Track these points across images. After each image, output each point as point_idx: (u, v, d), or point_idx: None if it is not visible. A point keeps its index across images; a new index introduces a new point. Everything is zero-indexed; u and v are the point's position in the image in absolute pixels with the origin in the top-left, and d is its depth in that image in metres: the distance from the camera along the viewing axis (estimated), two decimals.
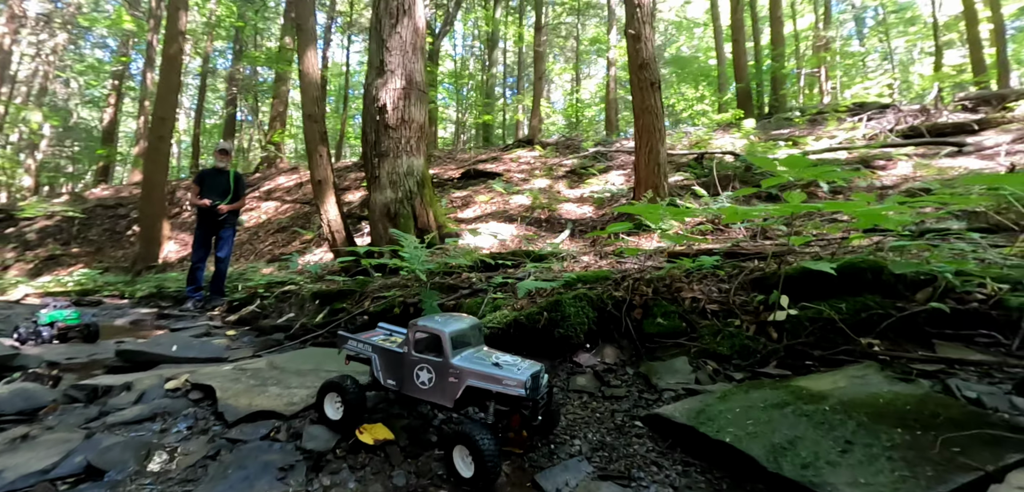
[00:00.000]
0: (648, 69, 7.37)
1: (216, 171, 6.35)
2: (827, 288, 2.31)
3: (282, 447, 1.29)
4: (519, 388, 1.32)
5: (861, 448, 0.97)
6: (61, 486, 1.10)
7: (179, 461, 1.23)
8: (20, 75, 22.87)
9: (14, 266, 12.54)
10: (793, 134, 11.10)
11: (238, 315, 5.09)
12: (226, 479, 1.11)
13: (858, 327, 2.17)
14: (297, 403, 1.56)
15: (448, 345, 1.44)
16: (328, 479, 1.15)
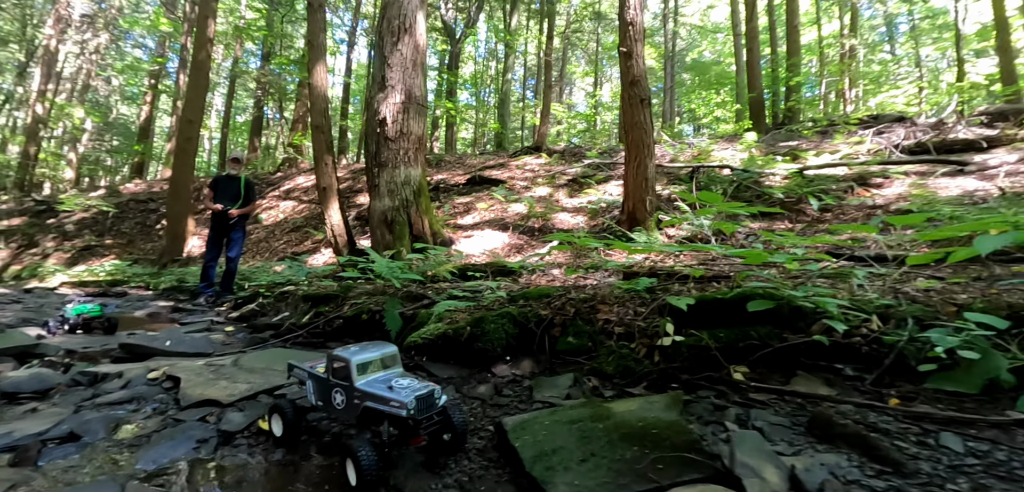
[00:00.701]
0: (638, 85, 7.64)
1: (228, 178, 6.93)
2: (727, 317, 2.63)
3: (208, 427, 1.73)
4: (401, 409, 1.51)
5: (597, 458, 1.29)
6: (49, 445, 1.56)
7: (135, 432, 1.69)
8: (65, 73, 24.47)
9: (53, 255, 13.61)
10: (797, 147, 11.13)
11: (239, 312, 5.62)
12: (160, 446, 1.56)
13: (734, 355, 2.48)
14: (236, 395, 2.00)
15: (354, 372, 1.65)
16: (229, 450, 1.58)
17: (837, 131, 11.97)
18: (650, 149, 7.72)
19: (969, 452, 1.41)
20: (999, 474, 1.30)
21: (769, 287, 2.79)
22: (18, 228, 15.09)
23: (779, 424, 1.57)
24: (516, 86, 32.64)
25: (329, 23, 24.88)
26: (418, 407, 1.53)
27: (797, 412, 1.69)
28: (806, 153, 10.32)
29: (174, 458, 1.52)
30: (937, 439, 1.47)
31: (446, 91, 22.69)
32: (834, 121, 13.16)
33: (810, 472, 1.19)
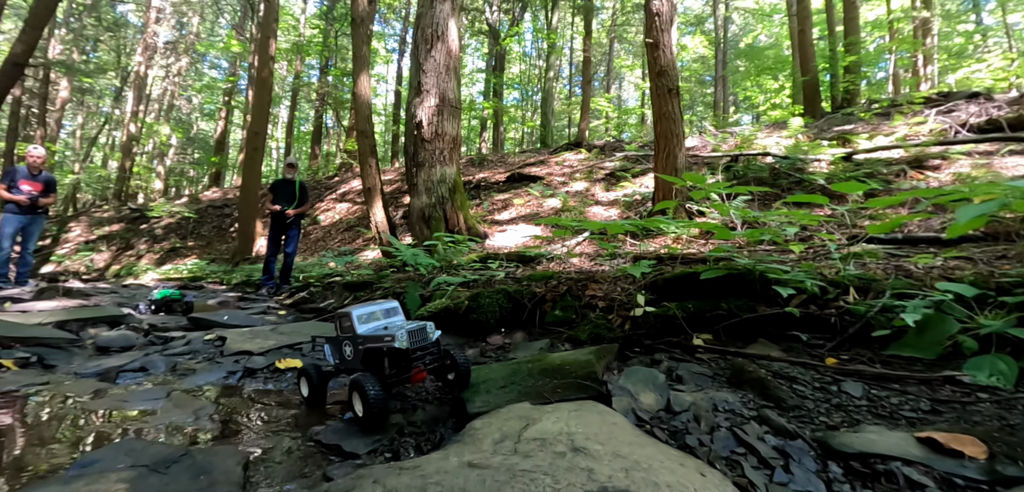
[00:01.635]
0: (666, 76, 7.69)
1: (285, 181, 7.73)
2: (701, 291, 2.83)
3: (238, 365, 2.22)
4: (393, 341, 1.69)
5: (514, 386, 1.63)
6: (125, 373, 2.11)
7: (186, 368, 2.22)
8: (153, 95, 27.44)
9: (145, 256, 15.46)
10: (852, 132, 10.59)
11: (292, 299, 6.32)
12: (201, 375, 2.10)
13: (702, 324, 2.69)
14: (265, 348, 2.52)
15: (355, 322, 1.85)
16: (249, 379, 2.06)
17: (899, 112, 11.25)
18: (679, 139, 7.74)
19: (864, 396, 1.59)
20: (878, 412, 1.48)
21: (743, 262, 2.96)
22: (117, 233, 17.24)
23: (701, 373, 1.80)
24: (565, 84, 32.78)
25: (380, 34, 26.23)
26: (410, 339, 1.68)
27: (727, 367, 1.90)
28: (859, 137, 9.81)
29: (209, 382, 2.05)
30: (840, 387, 1.65)
31: (492, 92, 23.27)
32: (896, 102, 12.34)
33: (686, 401, 1.43)
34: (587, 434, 1.03)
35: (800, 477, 1.05)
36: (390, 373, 1.78)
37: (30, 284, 7.47)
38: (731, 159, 9.42)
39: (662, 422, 1.30)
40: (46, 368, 2.22)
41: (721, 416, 1.31)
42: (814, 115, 13.72)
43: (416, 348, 1.74)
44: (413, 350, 1.74)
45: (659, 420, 1.32)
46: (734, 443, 1.17)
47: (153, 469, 1.05)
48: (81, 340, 2.82)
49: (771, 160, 9.24)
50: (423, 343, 1.76)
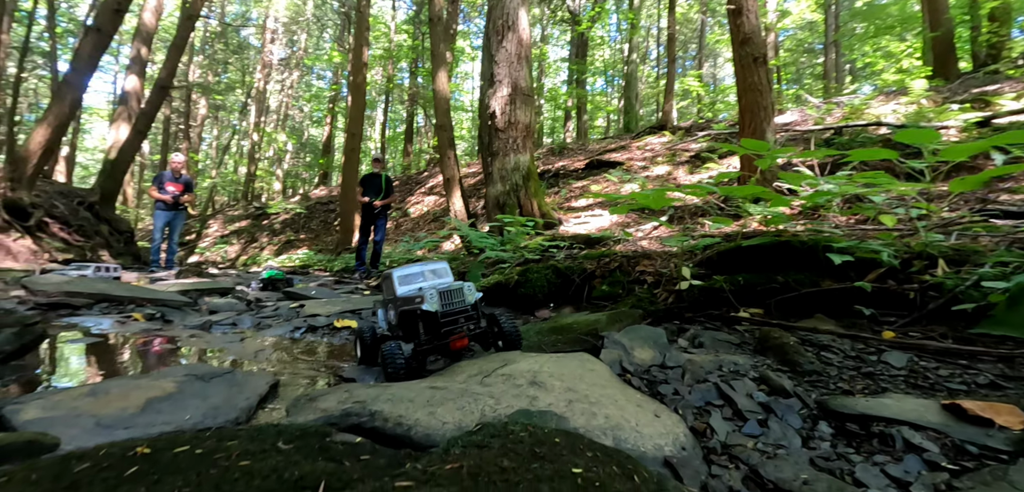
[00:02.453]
0: (751, 43, 7.16)
1: (373, 175, 8.40)
2: (760, 264, 2.69)
3: (305, 324, 2.55)
4: (422, 303, 1.57)
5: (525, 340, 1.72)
6: (217, 327, 2.54)
7: (267, 325, 2.61)
8: (271, 106, 31.04)
9: (266, 248, 17.65)
10: (993, 92, 8.97)
11: (378, 281, 6.89)
12: (274, 330, 2.46)
13: (753, 297, 2.56)
14: (331, 313, 2.87)
15: (396, 283, 1.75)
16: (310, 334, 2.35)
17: None
18: (767, 112, 7.17)
19: (907, 367, 1.44)
20: (915, 383, 1.34)
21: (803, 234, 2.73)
22: (245, 229, 19.88)
23: (726, 341, 1.74)
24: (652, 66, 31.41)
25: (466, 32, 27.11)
26: (441, 301, 1.55)
27: (755, 338, 1.80)
28: (997, 99, 8.28)
29: (278, 334, 2.45)
30: (880, 357, 1.51)
31: (575, 80, 23.04)
32: None
33: (683, 359, 1.41)
34: (554, 373, 1.08)
35: (775, 430, 1.00)
36: (424, 339, 1.62)
37: (175, 268, 8.95)
38: (834, 132, 8.46)
39: (645, 373, 1.30)
40: (165, 322, 2.77)
41: (715, 374, 1.27)
42: (947, 76, 11.76)
43: (448, 312, 1.60)
44: (445, 314, 1.59)
45: (643, 372, 1.32)
46: (714, 396, 1.14)
47: (199, 378, 1.32)
48: (198, 305, 3.43)
49: (885, 131, 8.16)
50: (457, 306, 1.61)
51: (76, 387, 1.27)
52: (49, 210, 8.66)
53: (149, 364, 1.90)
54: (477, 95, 31.07)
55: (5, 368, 1.45)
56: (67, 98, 8.43)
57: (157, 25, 15.26)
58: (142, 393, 1.19)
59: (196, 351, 2.02)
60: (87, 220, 9.32)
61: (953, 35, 12.49)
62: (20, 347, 1.50)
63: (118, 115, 13.17)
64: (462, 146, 30.00)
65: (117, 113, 13.43)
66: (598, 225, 8.39)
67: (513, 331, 1.70)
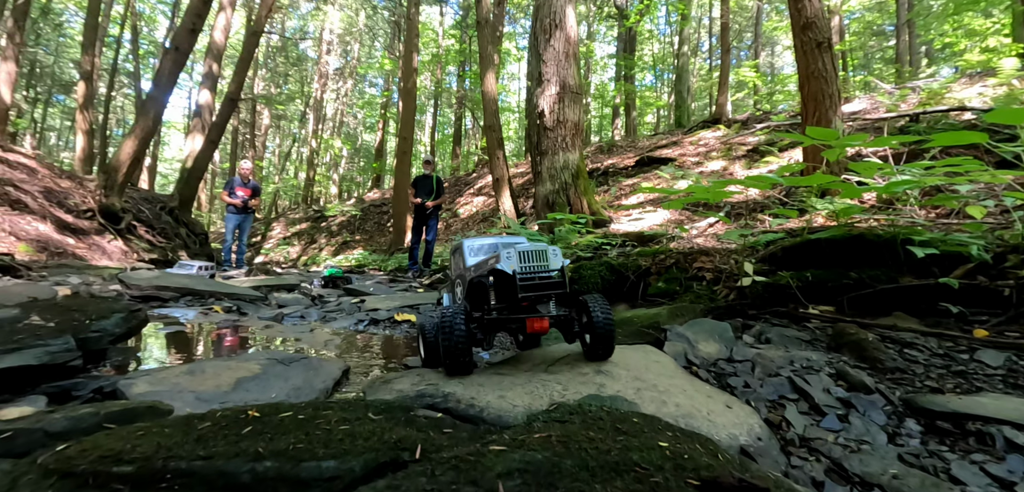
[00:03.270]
0: (814, 28, 6.78)
1: (425, 177, 8.63)
2: (831, 259, 2.56)
3: (368, 316, 2.67)
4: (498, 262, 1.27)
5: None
6: (287, 318, 2.71)
7: (332, 317, 2.77)
8: (327, 114, 32.56)
9: (325, 248, 18.54)
10: None
11: (431, 279, 7.07)
12: (340, 321, 2.64)
13: (824, 294, 2.44)
14: (391, 307, 3.01)
15: (466, 253, 1.48)
16: (373, 326, 2.47)
17: None
18: (833, 99, 6.77)
19: (1004, 365, 1.33)
20: (1015, 382, 1.24)
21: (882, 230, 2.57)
22: (305, 231, 20.97)
23: (796, 337, 1.67)
24: (704, 58, 30.31)
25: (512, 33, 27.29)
26: (521, 260, 1.28)
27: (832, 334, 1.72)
28: None
29: (343, 326, 2.59)
30: (973, 356, 1.40)
31: (623, 76, 22.64)
32: None
33: (751, 353, 1.36)
34: (619, 363, 1.09)
35: (856, 425, 0.96)
36: (494, 307, 1.35)
37: (245, 267, 9.58)
38: (909, 118, 7.83)
39: (712, 366, 1.27)
40: (241, 313, 3.00)
41: (788, 368, 1.23)
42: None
43: (529, 276, 1.29)
44: (525, 278, 1.28)
45: (711, 365, 1.29)
46: (788, 389, 1.10)
47: (280, 361, 1.43)
48: (268, 299, 3.68)
49: (970, 116, 7.47)
50: (539, 272, 1.30)
51: (176, 366, 1.42)
52: (136, 215, 9.53)
53: (233, 349, 2.08)
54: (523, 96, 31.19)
55: (114, 349, 1.64)
56: (151, 113, 9.25)
57: (226, 42, 16.41)
58: (232, 373, 1.30)
59: (272, 339, 2.19)
60: (168, 224, 10.18)
61: None
62: (127, 331, 1.69)
63: (193, 127, 14.27)
64: (509, 147, 30.20)
65: (192, 125, 14.56)
66: (651, 222, 8.21)
67: (606, 327, 1.28)
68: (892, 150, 5.54)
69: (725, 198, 7.61)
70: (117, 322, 1.59)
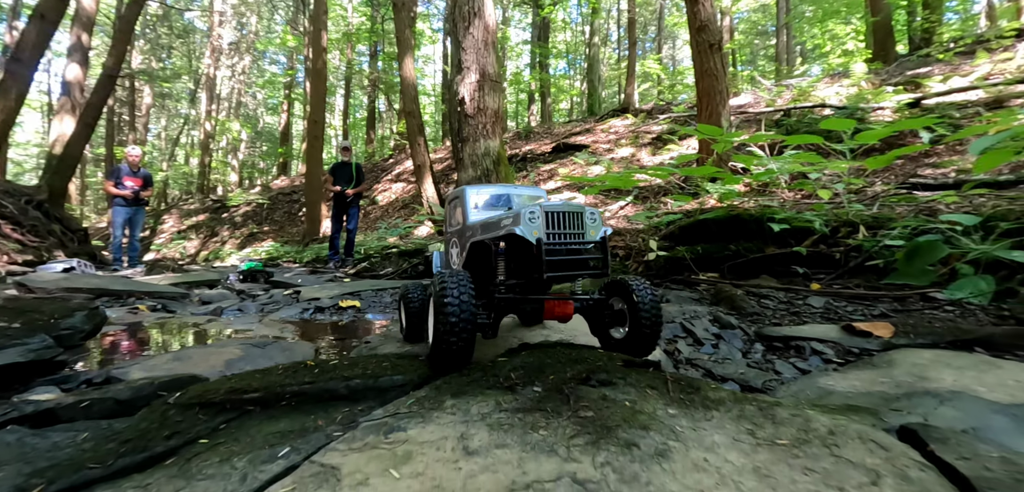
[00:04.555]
0: (707, 31, 7.63)
1: (342, 164, 8.48)
2: (716, 235, 3.11)
3: (310, 306, 2.82)
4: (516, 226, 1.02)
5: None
6: (226, 311, 2.76)
7: (273, 308, 2.84)
8: (222, 94, 29.88)
9: (228, 241, 17.25)
10: (926, 75, 9.88)
11: (356, 269, 7.07)
12: (282, 311, 2.74)
13: (711, 264, 2.98)
14: (332, 297, 3.14)
15: (466, 203, 1.25)
16: (320, 314, 2.62)
17: (985, 49, 10.32)
18: (722, 96, 7.69)
19: (823, 307, 1.87)
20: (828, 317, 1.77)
21: (755, 210, 3.18)
22: (203, 223, 19.30)
23: (688, 297, 2.15)
24: (614, 48, 32.01)
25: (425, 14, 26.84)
26: (549, 224, 1.04)
27: (711, 293, 2.22)
28: (932, 80, 9.17)
29: (289, 315, 2.69)
30: (805, 301, 1.93)
31: (538, 64, 23.32)
32: (983, 37, 11.28)
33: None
34: (553, 326, 1.43)
35: (723, 350, 1.40)
36: (502, 281, 1.14)
37: (140, 266, 8.78)
38: (783, 113, 9.15)
39: None
40: (168, 312, 2.96)
41: (680, 317, 1.66)
42: (886, 60, 12.76)
43: (558, 245, 1.06)
44: (553, 247, 1.05)
45: None
46: (680, 331, 1.52)
47: (255, 346, 1.62)
48: (190, 296, 3.59)
49: (828, 112, 8.89)
50: (572, 242, 1.07)
51: (160, 355, 1.52)
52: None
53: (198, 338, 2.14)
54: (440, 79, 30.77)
55: (82, 346, 1.67)
56: (12, 91, 8.06)
57: (97, 9, 14.50)
58: (219, 356, 1.45)
59: (225, 331, 2.25)
60: (38, 220, 8.97)
61: (891, 19, 13.50)
62: (94, 327, 1.72)
63: (60, 107, 12.54)
64: (427, 131, 29.84)
65: (59, 105, 12.78)
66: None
67: (654, 314, 1.10)
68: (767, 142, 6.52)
69: (634, 184, 8.38)
70: (83, 320, 1.62)
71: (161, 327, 2.42)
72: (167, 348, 1.97)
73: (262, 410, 0.87)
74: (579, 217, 1.09)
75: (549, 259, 1.03)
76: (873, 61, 12.81)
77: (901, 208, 3.35)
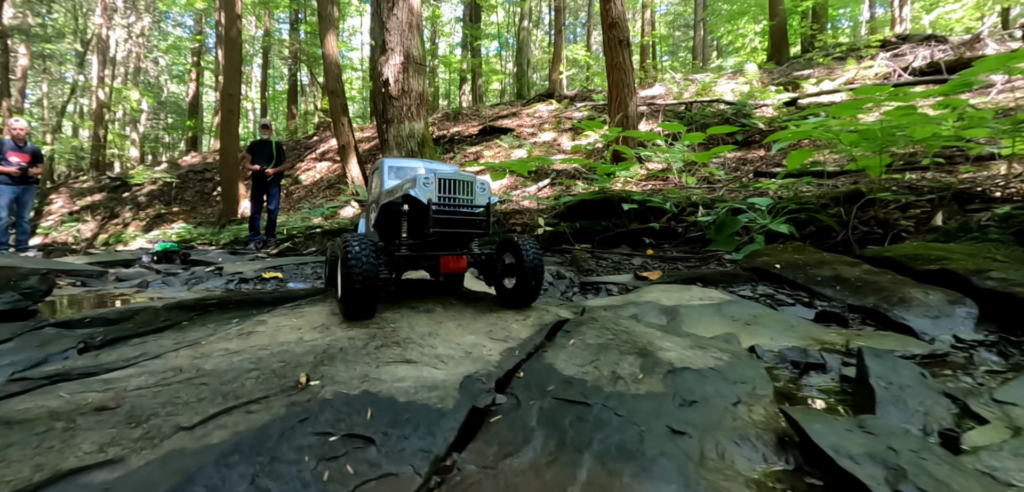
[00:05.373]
0: (618, 27, 8.43)
1: (262, 142, 8.48)
2: (593, 213, 3.80)
3: (234, 280, 3.19)
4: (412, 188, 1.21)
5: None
6: (152, 285, 3.06)
7: (197, 282, 3.17)
8: (118, 57, 27.32)
9: (132, 224, 16.18)
10: (808, 76, 11.42)
11: (278, 250, 7.23)
12: (207, 283, 3.06)
13: (586, 237, 3.66)
14: (256, 271, 3.49)
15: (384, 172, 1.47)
16: (243, 284, 3.00)
17: (854, 56, 12.05)
18: (630, 89, 8.56)
19: (642, 264, 2.57)
20: (643, 270, 2.46)
21: (621, 191, 3.90)
22: (100, 203, 17.87)
23: (557, 261, 2.78)
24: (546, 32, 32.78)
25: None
26: (440, 189, 1.22)
27: (569, 257, 2.88)
28: (808, 81, 10.65)
29: (215, 286, 3.00)
30: (630, 261, 2.63)
31: (470, 46, 23.56)
32: (855, 45, 13.12)
33: None
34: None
35: (551, 290, 2.03)
36: (406, 241, 1.35)
37: (30, 250, 8.29)
38: (685, 107, 10.25)
39: None
40: (89, 289, 3.18)
41: None
42: (780, 60, 14.46)
43: (446, 209, 1.27)
44: (441, 211, 1.26)
45: None
46: None
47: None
48: (106, 275, 3.77)
49: (723, 107, 10.09)
50: (461, 205, 1.29)
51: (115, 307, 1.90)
52: None
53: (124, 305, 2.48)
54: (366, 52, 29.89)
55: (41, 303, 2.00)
56: None
57: None
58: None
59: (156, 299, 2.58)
60: None
61: (785, 24, 15.23)
62: (48, 288, 2.02)
63: None
64: (353, 108, 29.12)
65: None
66: (493, 187, 9.38)
67: (535, 267, 1.31)
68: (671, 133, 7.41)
69: (551, 166, 9.10)
70: (39, 282, 1.93)
71: (95, 295, 2.69)
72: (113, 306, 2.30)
73: (219, 309, 1.35)
74: (469, 185, 1.28)
75: (437, 216, 1.24)
76: (769, 61, 14.45)
77: (734, 193, 4.24)
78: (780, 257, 1.93)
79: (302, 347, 1.20)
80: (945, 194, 2.85)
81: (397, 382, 1.05)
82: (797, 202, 3.13)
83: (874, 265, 1.80)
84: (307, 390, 1.01)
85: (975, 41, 11.38)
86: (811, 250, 2.14)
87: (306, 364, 1.14)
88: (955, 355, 1.39)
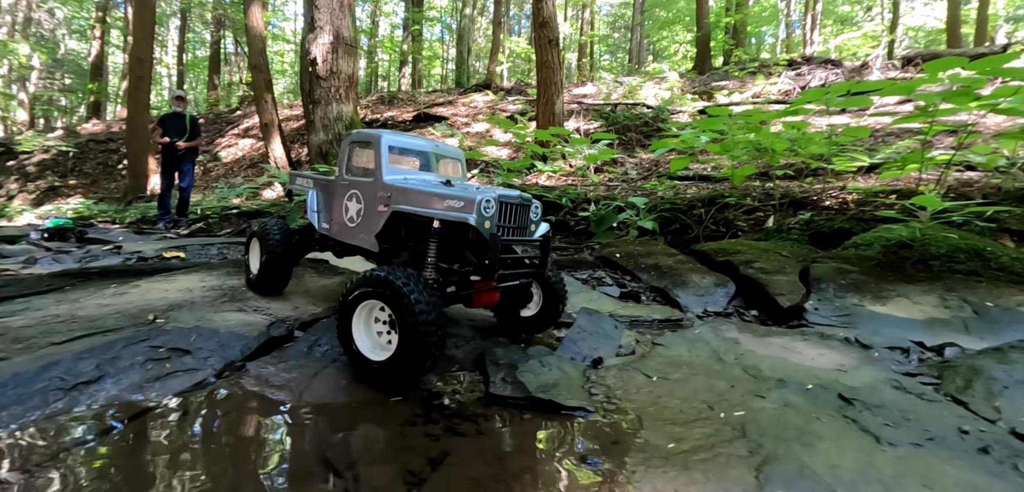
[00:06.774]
0: (548, 27, 8.78)
1: (176, 115, 8.07)
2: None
3: (133, 258, 3.19)
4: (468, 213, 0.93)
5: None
6: (42, 262, 3.01)
7: (92, 259, 3.15)
8: (3, 5, 24.30)
9: (18, 196, 14.65)
10: (723, 88, 12.41)
11: (190, 230, 6.99)
12: (104, 261, 3.05)
13: None
14: (157, 250, 3.48)
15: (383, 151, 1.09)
16: (143, 263, 3.03)
17: (763, 72, 13.21)
18: (558, 87, 8.96)
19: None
20: None
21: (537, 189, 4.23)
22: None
23: None
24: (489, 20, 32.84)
25: None
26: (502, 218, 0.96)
27: None
28: (721, 93, 11.61)
29: (112, 263, 3.01)
30: None
31: (410, 31, 23.20)
32: (765, 63, 14.38)
33: None
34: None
35: None
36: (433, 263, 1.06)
37: None
38: (611, 108, 10.86)
39: None
40: None
41: None
42: (703, 70, 15.55)
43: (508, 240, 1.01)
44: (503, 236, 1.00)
45: None
46: None
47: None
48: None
49: (646, 109, 10.79)
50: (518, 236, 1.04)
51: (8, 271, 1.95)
52: None
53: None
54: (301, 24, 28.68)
55: None
56: None
57: None
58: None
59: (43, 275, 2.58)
60: None
61: (709, 36, 16.37)
62: None
63: None
64: (284, 83, 27.82)
65: None
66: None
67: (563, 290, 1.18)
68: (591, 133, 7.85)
69: (481, 158, 9.35)
70: None
71: None
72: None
73: (101, 278, 1.53)
74: (526, 211, 1.08)
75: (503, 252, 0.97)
76: (693, 70, 15.50)
77: (625, 192, 4.71)
78: (623, 248, 2.31)
79: (163, 302, 1.64)
80: (784, 201, 3.41)
81: (225, 322, 1.47)
82: (670, 203, 3.59)
83: (692, 257, 2.23)
84: (154, 326, 1.42)
85: (863, 68, 12.84)
86: (650, 243, 2.55)
87: (159, 310, 1.61)
88: (688, 319, 1.86)
